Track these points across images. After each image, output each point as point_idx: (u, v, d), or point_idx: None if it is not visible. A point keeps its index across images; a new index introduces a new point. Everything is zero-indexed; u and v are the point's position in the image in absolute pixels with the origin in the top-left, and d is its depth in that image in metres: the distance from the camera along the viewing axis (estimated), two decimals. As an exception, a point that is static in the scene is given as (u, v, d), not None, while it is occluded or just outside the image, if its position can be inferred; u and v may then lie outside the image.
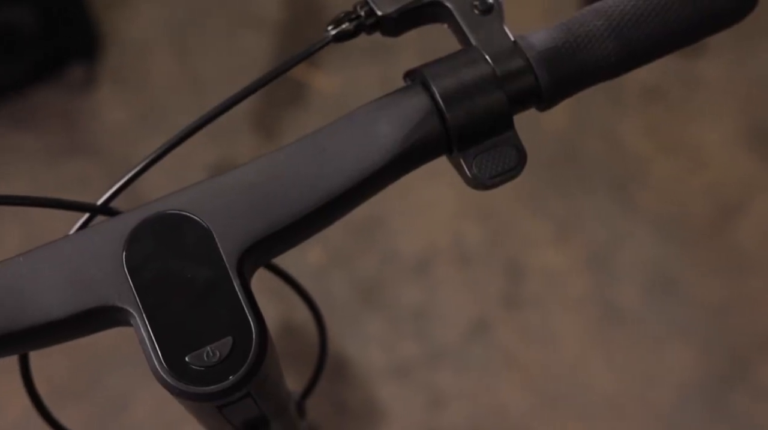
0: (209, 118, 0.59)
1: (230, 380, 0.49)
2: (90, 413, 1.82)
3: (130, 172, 0.59)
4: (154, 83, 2.28)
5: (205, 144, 2.15)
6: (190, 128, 0.60)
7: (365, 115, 0.55)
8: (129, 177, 0.59)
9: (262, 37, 2.34)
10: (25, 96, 2.25)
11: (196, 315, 0.50)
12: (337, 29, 0.60)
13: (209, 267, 0.51)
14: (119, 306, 0.50)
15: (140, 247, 0.51)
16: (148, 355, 0.50)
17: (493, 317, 1.91)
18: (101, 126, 2.22)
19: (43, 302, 0.51)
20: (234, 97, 0.60)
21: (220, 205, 0.52)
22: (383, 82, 2.22)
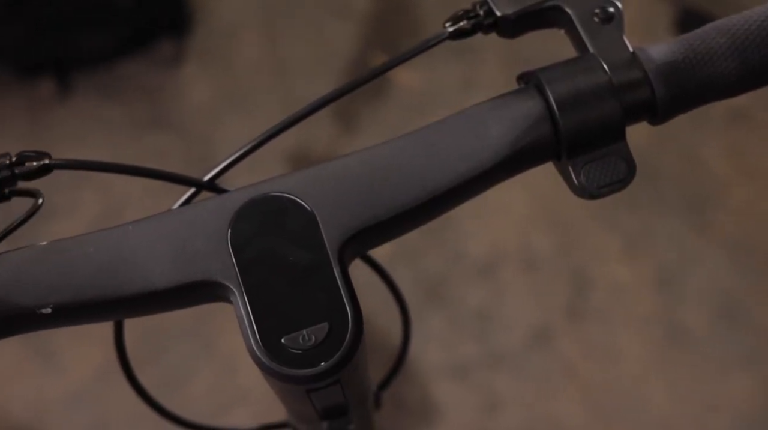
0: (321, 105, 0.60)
1: (323, 365, 0.49)
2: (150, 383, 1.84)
3: (236, 153, 0.60)
4: (239, 65, 2.31)
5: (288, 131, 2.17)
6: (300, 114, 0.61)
7: (477, 114, 0.55)
8: (235, 157, 0.60)
9: (349, 27, 2.36)
10: (114, 68, 2.30)
11: (295, 298, 0.51)
12: (454, 27, 0.60)
13: (311, 252, 0.51)
14: (221, 282, 0.51)
15: (245, 226, 0.52)
16: (245, 332, 0.50)
17: (555, 326, 1.90)
18: (184, 103, 2.25)
19: (148, 272, 0.52)
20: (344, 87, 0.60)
21: (327, 192, 0.53)
22: (465, 82, 2.22)
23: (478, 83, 2.23)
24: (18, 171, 0.56)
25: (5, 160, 0.55)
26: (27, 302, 0.51)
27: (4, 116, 2.25)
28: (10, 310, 0.51)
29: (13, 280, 0.51)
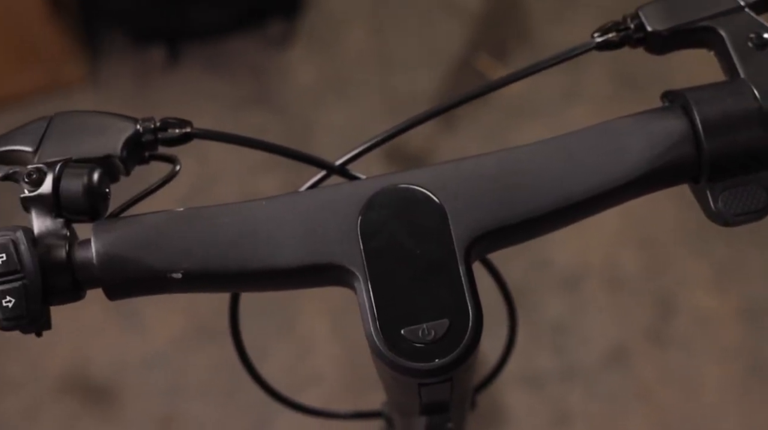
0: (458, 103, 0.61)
1: (440, 362, 0.50)
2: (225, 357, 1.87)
3: (368, 143, 0.61)
4: (345, 52, 2.33)
5: (384, 118, 2.19)
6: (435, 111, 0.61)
7: (618, 127, 0.55)
8: (367, 146, 0.61)
9: (456, 26, 2.36)
10: (223, 44, 2.34)
11: (418, 291, 0.51)
12: (602, 38, 0.60)
13: (438, 247, 0.52)
14: (347, 267, 0.52)
15: (376, 214, 0.53)
16: (365, 319, 0.51)
17: (634, 347, 1.87)
18: (288, 84, 2.28)
19: (277, 249, 0.53)
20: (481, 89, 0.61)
21: (459, 189, 0.53)
22: (567, 92, 2.20)
23: (581, 94, 2.21)
24: (161, 136, 0.57)
25: (150, 125, 0.57)
26: (160, 266, 0.52)
27: (116, 77, 2.31)
28: (144, 271, 0.52)
29: (149, 242, 0.52)
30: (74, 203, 0.53)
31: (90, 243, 0.53)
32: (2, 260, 0.50)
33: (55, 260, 0.52)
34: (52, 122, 0.57)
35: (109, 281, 0.52)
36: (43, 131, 0.56)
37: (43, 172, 0.53)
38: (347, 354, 1.86)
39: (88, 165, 0.54)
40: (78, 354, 1.89)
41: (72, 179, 0.53)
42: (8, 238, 0.51)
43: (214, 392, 1.84)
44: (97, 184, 0.54)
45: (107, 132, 0.56)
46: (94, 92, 2.28)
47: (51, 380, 1.86)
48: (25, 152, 0.56)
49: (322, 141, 2.10)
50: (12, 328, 0.52)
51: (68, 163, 0.54)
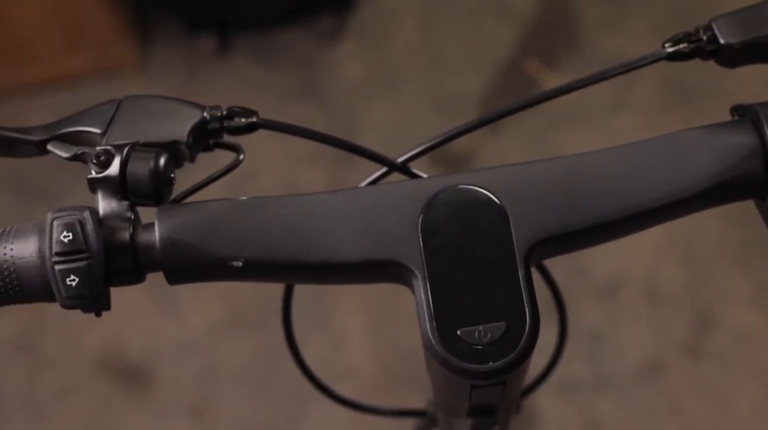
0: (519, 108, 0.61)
1: (495, 364, 0.50)
2: (261, 347, 1.89)
3: (432, 141, 0.61)
4: (393, 49, 2.33)
5: (430, 117, 2.19)
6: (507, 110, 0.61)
7: (685, 139, 0.54)
8: (429, 145, 0.61)
9: (506, 29, 2.35)
10: (274, 36, 2.35)
11: (476, 292, 0.51)
12: (673, 48, 0.59)
13: (498, 249, 0.52)
14: (406, 265, 0.52)
15: (437, 214, 0.53)
16: (422, 318, 0.51)
17: (670, 360, 1.86)
18: (336, 78, 2.29)
19: (337, 243, 0.53)
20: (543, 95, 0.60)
21: (522, 193, 0.53)
22: (617, 101, 2.19)
23: (630, 105, 2.19)
24: (226, 125, 0.58)
25: (217, 113, 0.57)
26: (221, 253, 0.53)
27: (165, 64, 2.33)
28: (205, 258, 0.53)
29: (212, 229, 0.53)
30: (140, 187, 0.54)
31: (153, 227, 0.53)
32: (68, 239, 0.51)
33: (119, 241, 0.52)
34: (121, 105, 0.57)
35: (171, 265, 0.53)
36: (112, 114, 0.57)
37: (110, 154, 0.54)
38: (381, 352, 1.87)
39: (155, 150, 0.55)
40: (115, 336, 1.91)
41: (139, 163, 0.54)
42: (75, 217, 0.51)
43: (249, 381, 1.86)
44: (163, 169, 0.54)
45: (175, 118, 0.57)
46: (144, 77, 2.30)
47: (87, 359, 1.88)
48: (93, 134, 0.56)
49: (367, 136, 2.11)
50: (74, 306, 0.52)
51: (135, 146, 0.55)
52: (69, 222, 0.51)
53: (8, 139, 0.57)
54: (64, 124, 0.57)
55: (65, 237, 0.51)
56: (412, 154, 0.61)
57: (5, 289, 0.52)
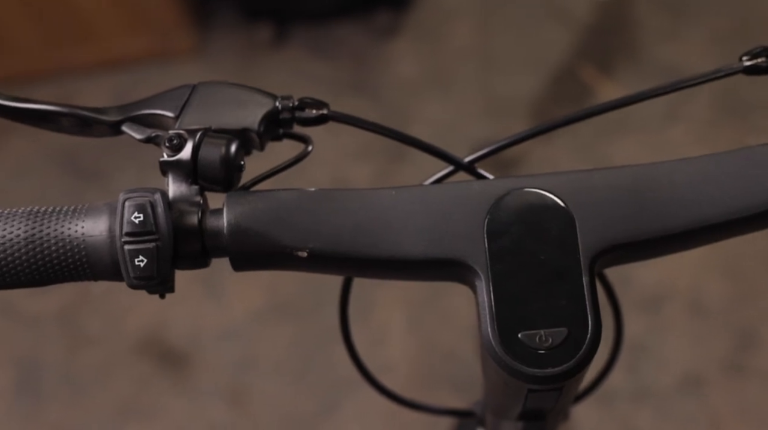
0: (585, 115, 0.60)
1: (555, 370, 0.50)
2: (301, 337, 1.90)
3: (500, 143, 0.61)
4: (448, 48, 2.33)
5: (481, 118, 2.18)
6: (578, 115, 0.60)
7: (759, 155, 0.54)
8: (497, 146, 0.61)
9: (563, 33, 2.34)
10: (330, 29, 2.36)
11: (539, 296, 0.51)
12: (751, 62, 0.59)
13: (563, 254, 0.51)
14: (470, 265, 0.52)
15: (503, 215, 0.52)
16: (483, 319, 0.51)
17: (710, 376, 1.84)
18: (389, 74, 2.29)
19: (402, 239, 0.53)
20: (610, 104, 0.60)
21: (590, 199, 0.53)
22: (669, 112, 2.17)
23: (683, 116, 2.17)
24: (297, 115, 0.58)
25: (288, 103, 0.58)
26: (287, 242, 0.53)
27: (222, 51, 2.35)
28: (271, 246, 0.53)
29: (279, 218, 0.53)
30: (211, 172, 0.54)
31: (221, 213, 0.53)
32: (139, 220, 0.51)
33: (187, 225, 0.53)
34: (195, 90, 0.58)
35: (237, 251, 0.53)
36: (185, 99, 0.57)
37: (183, 138, 0.54)
38: (420, 349, 1.87)
39: (226, 136, 0.55)
40: (157, 318, 1.93)
41: (211, 149, 0.54)
42: (147, 199, 0.52)
43: (286, 370, 1.87)
44: (234, 156, 0.55)
45: (247, 106, 0.57)
46: (200, 64, 2.32)
47: (128, 340, 1.90)
48: (166, 117, 0.57)
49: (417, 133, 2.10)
50: (140, 287, 0.53)
51: (208, 132, 0.55)
52: (140, 203, 0.52)
53: (84, 119, 0.58)
54: (138, 106, 0.58)
55: (136, 218, 0.52)
56: (480, 154, 0.61)
57: (74, 265, 0.53)
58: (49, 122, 0.59)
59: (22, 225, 0.53)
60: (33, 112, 0.58)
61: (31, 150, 2.19)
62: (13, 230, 0.53)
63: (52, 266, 0.53)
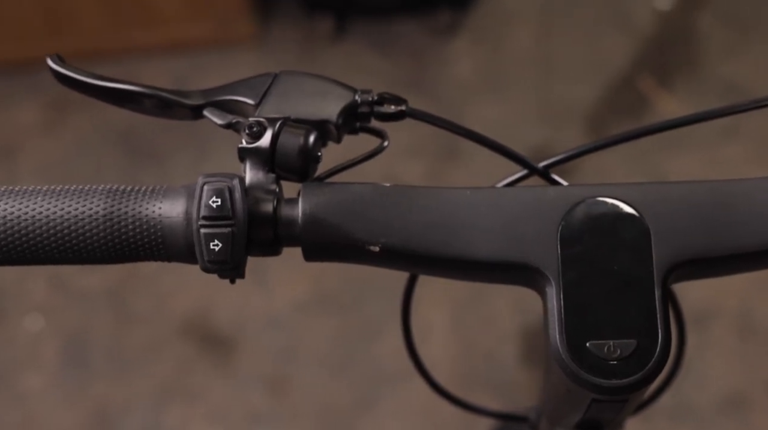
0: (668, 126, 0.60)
1: (620, 381, 0.49)
2: (343, 330, 1.91)
3: (574, 150, 0.61)
4: (508, 50, 2.32)
5: (535, 123, 2.18)
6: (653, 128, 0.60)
7: None
8: (572, 153, 0.61)
9: (625, 42, 2.32)
10: (390, 24, 2.36)
11: (609, 307, 0.51)
12: None
13: (636, 266, 0.51)
14: (541, 270, 0.52)
15: (577, 223, 0.52)
16: (551, 326, 0.51)
17: (755, 398, 1.82)
18: (446, 73, 2.29)
19: (474, 240, 0.53)
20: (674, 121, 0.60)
21: (668, 212, 0.52)
22: (728, 128, 2.14)
23: (739, 133, 2.14)
24: (376, 110, 0.58)
25: (368, 97, 0.58)
26: (360, 236, 0.53)
27: (282, 41, 2.37)
28: (344, 239, 0.53)
29: (354, 211, 0.53)
30: (288, 161, 0.55)
31: (296, 202, 0.54)
32: (217, 205, 0.52)
33: (262, 212, 0.53)
34: (276, 79, 0.58)
35: (309, 241, 0.54)
36: (266, 87, 0.58)
37: (263, 126, 0.55)
38: (460, 350, 1.87)
39: (306, 127, 0.56)
40: (203, 302, 1.94)
41: (290, 138, 0.55)
42: (225, 184, 0.52)
43: (327, 362, 1.87)
44: (312, 147, 0.55)
45: (327, 97, 0.58)
46: (259, 52, 2.33)
47: (174, 321, 1.92)
48: (247, 104, 0.58)
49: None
50: (213, 271, 0.53)
51: (287, 121, 0.56)
52: (219, 188, 0.52)
53: (166, 101, 0.59)
54: (220, 91, 0.59)
55: (214, 202, 0.52)
56: (554, 160, 0.61)
57: (150, 245, 0.54)
58: (131, 102, 0.60)
59: (101, 202, 0.54)
60: (116, 92, 0.59)
61: (89, 127, 2.22)
62: (92, 206, 0.54)
63: (128, 245, 0.54)
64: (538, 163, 0.61)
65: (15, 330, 1.92)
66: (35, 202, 0.54)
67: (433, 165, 2.07)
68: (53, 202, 0.54)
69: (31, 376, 1.86)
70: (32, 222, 0.54)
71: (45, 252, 0.54)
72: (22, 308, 1.94)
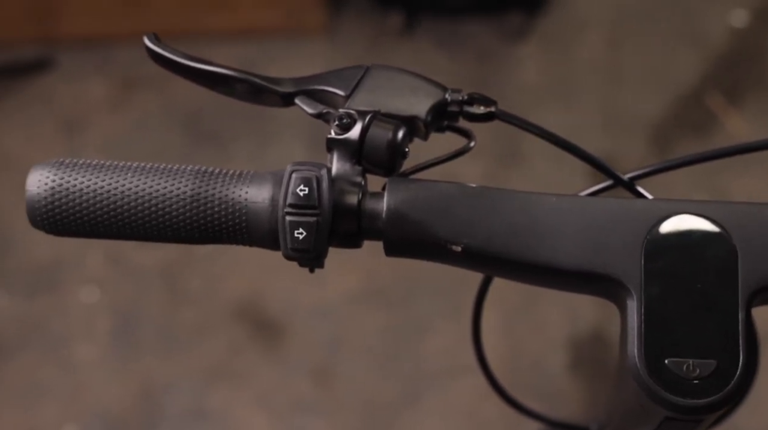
0: None
1: (696, 401, 0.49)
2: (392, 325, 1.91)
3: (663, 163, 0.60)
4: (576, 59, 2.30)
5: (599, 133, 2.16)
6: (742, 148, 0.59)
7: None
8: (661, 167, 0.60)
9: (696, 57, 2.29)
10: (460, 24, 2.35)
11: (690, 325, 0.50)
12: None
13: (720, 286, 0.51)
14: (623, 283, 0.51)
15: (663, 238, 0.52)
16: (630, 340, 0.50)
17: (805, 427, 1.79)
18: (512, 77, 2.28)
19: (556, 247, 0.53)
20: None
21: (756, 233, 0.52)
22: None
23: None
24: (465, 110, 0.59)
25: (458, 97, 0.58)
26: (443, 234, 0.53)
27: (350, 34, 2.37)
28: (426, 236, 0.53)
29: (438, 209, 0.54)
30: (376, 155, 0.55)
31: (381, 196, 0.54)
32: (304, 193, 0.52)
33: (347, 204, 0.54)
34: (368, 72, 0.59)
35: (392, 236, 0.54)
36: (358, 79, 0.58)
37: (353, 118, 0.55)
38: (508, 355, 1.86)
39: (395, 122, 0.56)
40: (255, 286, 1.96)
41: (379, 132, 0.55)
42: (313, 173, 0.53)
43: (373, 356, 1.88)
44: (400, 142, 0.55)
45: (417, 94, 0.58)
46: (328, 44, 2.34)
47: (225, 304, 1.94)
48: (337, 95, 0.58)
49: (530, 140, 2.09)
50: (295, 258, 0.54)
51: (377, 115, 0.56)
52: (307, 177, 0.53)
53: (258, 87, 0.59)
54: (311, 81, 0.59)
55: (301, 191, 0.53)
56: (641, 172, 0.60)
57: (233, 229, 0.54)
58: (222, 86, 0.60)
59: (189, 182, 0.55)
60: (209, 74, 0.60)
61: (156, 106, 2.24)
62: (180, 186, 0.54)
63: (212, 226, 0.54)
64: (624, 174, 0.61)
65: (71, 301, 1.95)
66: (125, 177, 0.55)
67: (492, 168, 2.07)
68: (143, 178, 0.55)
69: (83, 346, 1.88)
70: (121, 197, 0.54)
71: (131, 228, 0.55)
72: (79, 280, 1.97)
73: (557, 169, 1.99)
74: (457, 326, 1.91)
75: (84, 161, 0.56)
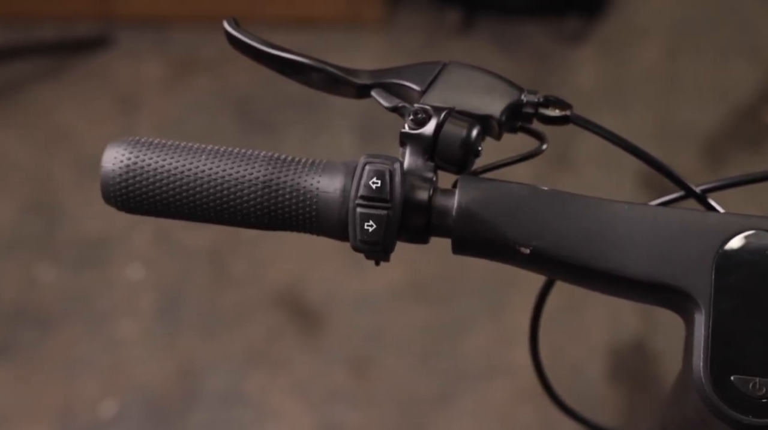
0: None
1: (761, 420, 0.49)
2: (433, 322, 1.91)
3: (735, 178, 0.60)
4: (633, 66, 2.28)
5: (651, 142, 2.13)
6: None
7: None
8: (732, 182, 0.59)
9: (753, 71, 2.26)
10: (517, 24, 2.35)
11: (759, 342, 0.50)
12: None
13: None
14: (692, 296, 0.51)
15: (735, 253, 0.52)
16: (696, 354, 0.50)
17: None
18: (567, 80, 2.27)
19: (626, 255, 0.53)
20: None
21: None
22: None
23: None
24: (540, 112, 0.58)
25: (534, 98, 0.58)
26: (512, 236, 0.53)
27: (408, 28, 2.38)
28: (496, 236, 0.53)
29: (509, 210, 0.54)
30: (449, 152, 0.55)
31: (452, 193, 0.54)
32: (376, 186, 0.53)
33: (418, 199, 0.54)
34: (444, 69, 0.59)
35: (461, 234, 0.54)
36: (434, 75, 0.58)
37: (428, 114, 0.55)
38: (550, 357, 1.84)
39: (470, 120, 0.56)
40: (298, 274, 1.97)
41: (454, 129, 0.55)
42: (387, 167, 0.53)
43: (412, 351, 1.88)
44: (474, 141, 0.55)
45: (493, 93, 0.58)
46: (385, 36, 2.34)
47: (268, 289, 1.95)
48: (413, 90, 0.58)
49: (582, 145, 2.08)
50: (362, 250, 0.54)
51: (452, 112, 0.56)
52: (380, 170, 0.53)
53: (334, 77, 0.59)
54: (388, 74, 0.59)
55: (374, 183, 0.53)
56: (713, 185, 0.60)
57: (303, 217, 0.55)
58: (298, 74, 0.61)
59: (262, 168, 0.55)
60: (286, 62, 0.60)
61: (210, 90, 2.26)
62: (253, 171, 0.55)
63: (282, 213, 0.55)
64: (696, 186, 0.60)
65: (117, 277, 1.97)
66: (199, 159, 0.55)
67: (541, 170, 2.05)
68: (216, 161, 0.55)
69: (126, 323, 1.91)
70: (194, 179, 0.55)
71: (202, 210, 0.56)
72: (126, 257, 1.99)
73: (605, 175, 1.98)
74: (498, 327, 1.90)
75: (159, 141, 0.56)
